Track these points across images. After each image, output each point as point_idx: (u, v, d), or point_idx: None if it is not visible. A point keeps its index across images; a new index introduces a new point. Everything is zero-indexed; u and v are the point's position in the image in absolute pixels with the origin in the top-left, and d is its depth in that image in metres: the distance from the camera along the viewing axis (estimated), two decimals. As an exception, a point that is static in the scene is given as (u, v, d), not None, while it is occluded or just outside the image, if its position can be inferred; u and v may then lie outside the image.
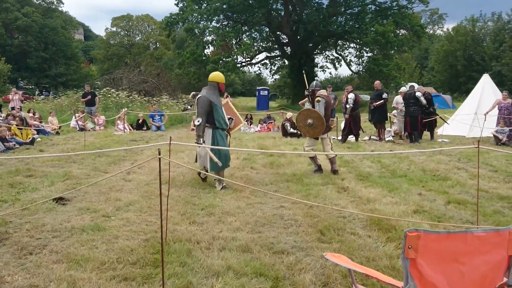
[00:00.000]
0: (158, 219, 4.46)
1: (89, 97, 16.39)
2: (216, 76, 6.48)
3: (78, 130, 14.20)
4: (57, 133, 13.61)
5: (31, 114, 14.04)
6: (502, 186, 6.45)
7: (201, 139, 6.07)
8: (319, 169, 7.40)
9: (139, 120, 15.89)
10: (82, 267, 3.40)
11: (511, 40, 41.72)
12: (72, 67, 49.05)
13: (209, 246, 3.93)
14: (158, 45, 60.19)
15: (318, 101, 7.24)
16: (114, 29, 59.33)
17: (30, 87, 46.22)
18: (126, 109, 16.20)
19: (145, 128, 15.66)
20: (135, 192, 5.93)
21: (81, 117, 14.86)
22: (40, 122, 13.94)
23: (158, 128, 15.74)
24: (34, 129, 12.29)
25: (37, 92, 38.56)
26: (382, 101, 12.25)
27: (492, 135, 11.95)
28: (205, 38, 33.70)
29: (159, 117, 16.21)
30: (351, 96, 11.84)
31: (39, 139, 11.69)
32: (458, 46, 47.22)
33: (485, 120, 11.67)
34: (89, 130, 14.39)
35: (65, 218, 4.67)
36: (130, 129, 15.13)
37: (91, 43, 72.35)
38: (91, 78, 44.05)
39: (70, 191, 5.68)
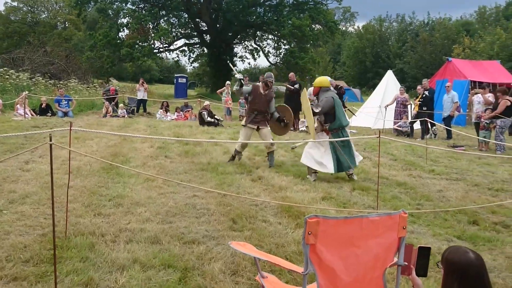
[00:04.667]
0: (58, 212, 4.12)
1: (-17, 77, 14.68)
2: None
3: (-32, 115, 12.63)
4: None
5: None
6: (400, 174, 7.04)
7: None
8: (233, 159, 7.46)
9: (42, 104, 14.54)
10: (-38, 268, 3.01)
11: (412, 41, 45.63)
12: (-37, 44, 43.35)
13: (114, 239, 3.73)
14: (67, 25, 55.58)
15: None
16: (15, 4, 53.45)
17: None
18: (27, 92, 14.74)
19: (49, 113, 14.39)
20: (33, 183, 5.42)
21: (-28, 100, 13.22)
22: None
23: (65, 114, 14.56)
24: None
25: None
26: (293, 88, 13.13)
27: (392, 128, 13.05)
28: (119, 20, 31.96)
29: (66, 102, 14.99)
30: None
31: None
32: (367, 43, 50.45)
33: (385, 112, 12.69)
34: (-18, 114, 12.87)
35: None
36: (32, 115, 13.80)
37: (-13, 18, 64.50)
38: (-13, 57, 39.33)
39: (-47, 183, 5.01)
